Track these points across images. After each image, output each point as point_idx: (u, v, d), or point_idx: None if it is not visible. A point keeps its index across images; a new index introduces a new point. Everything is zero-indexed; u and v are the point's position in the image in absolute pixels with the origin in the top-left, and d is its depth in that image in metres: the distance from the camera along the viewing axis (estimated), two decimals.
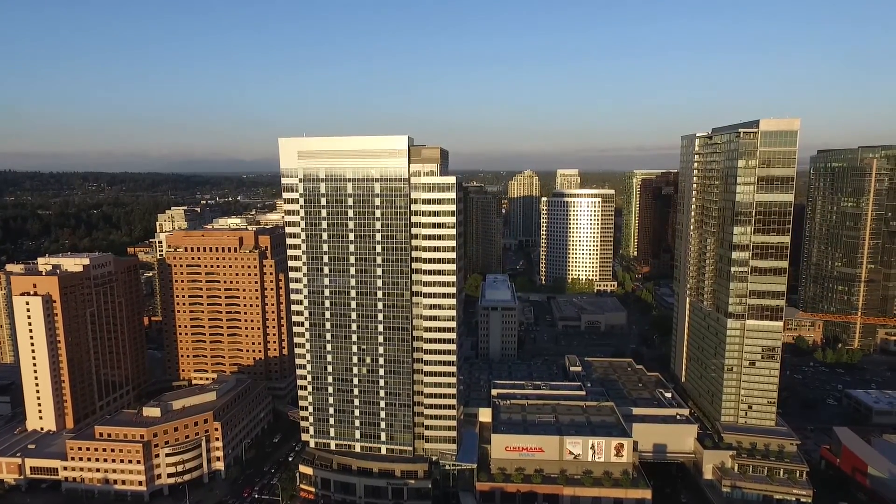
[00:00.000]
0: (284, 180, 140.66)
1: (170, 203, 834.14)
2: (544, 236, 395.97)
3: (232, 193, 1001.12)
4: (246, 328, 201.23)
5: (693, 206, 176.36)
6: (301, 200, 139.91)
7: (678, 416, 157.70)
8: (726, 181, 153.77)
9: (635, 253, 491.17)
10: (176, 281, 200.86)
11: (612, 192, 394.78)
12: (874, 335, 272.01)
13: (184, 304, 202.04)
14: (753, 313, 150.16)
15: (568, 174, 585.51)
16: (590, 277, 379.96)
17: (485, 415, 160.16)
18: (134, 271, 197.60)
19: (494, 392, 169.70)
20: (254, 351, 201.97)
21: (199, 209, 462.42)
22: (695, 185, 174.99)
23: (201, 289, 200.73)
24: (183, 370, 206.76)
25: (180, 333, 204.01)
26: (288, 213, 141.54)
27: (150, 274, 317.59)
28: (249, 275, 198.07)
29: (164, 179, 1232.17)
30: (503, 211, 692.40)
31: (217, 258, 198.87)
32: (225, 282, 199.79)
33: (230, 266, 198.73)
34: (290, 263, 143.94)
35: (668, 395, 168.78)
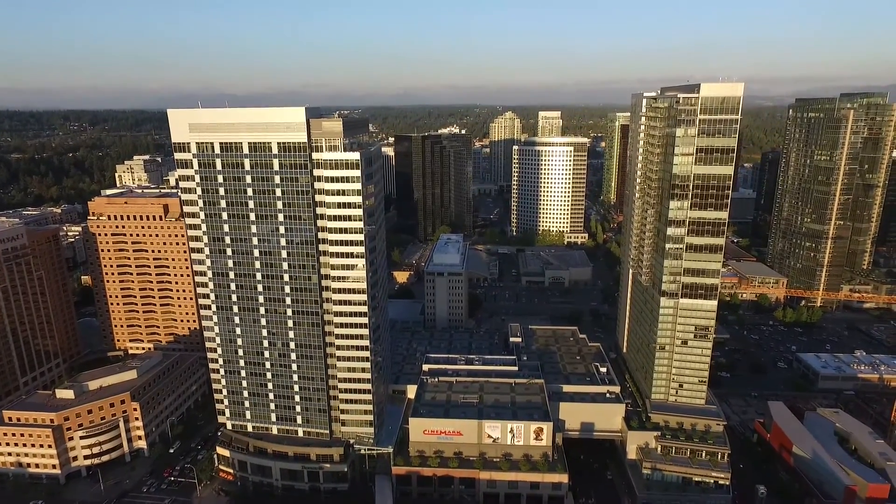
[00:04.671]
0: (177, 155, 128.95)
1: (149, 145, 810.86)
2: (515, 186, 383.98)
3: None
4: (179, 298, 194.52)
5: (638, 174, 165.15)
6: (197, 178, 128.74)
7: (608, 394, 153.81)
8: (666, 150, 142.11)
9: (615, 199, 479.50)
10: (102, 250, 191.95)
11: (585, 140, 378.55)
12: (838, 291, 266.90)
13: (113, 273, 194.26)
14: (687, 292, 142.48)
15: (550, 116, 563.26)
16: (561, 229, 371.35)
17: (413, 392, 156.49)
18: (55, 241, 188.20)
19: (425, 367, 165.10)
20: (188, 321, 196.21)
21: (160, 159, 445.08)
22: (640, 151, 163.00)
23: (129, 258, 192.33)
24: (118, 340, 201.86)
25: (112, 304, 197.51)
26: (184, 190, 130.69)
27: None
28: (178, 244, 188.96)
29: (148, 118, 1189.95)
30: (486, 150, 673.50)
31: (142, 227, 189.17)
32: (153, 251, 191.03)
33: (157, 235, 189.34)
34: (192, 244, 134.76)
35: (604, 370, 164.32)
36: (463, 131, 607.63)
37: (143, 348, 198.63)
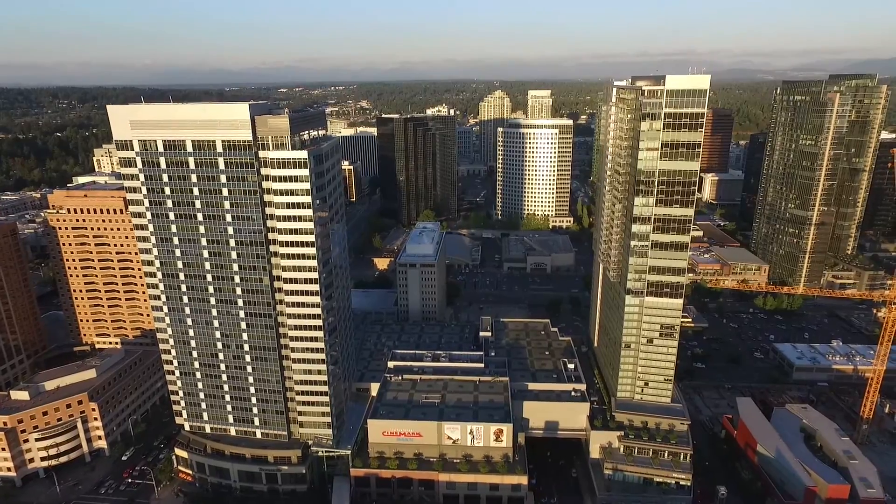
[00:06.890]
0: (120, 153, 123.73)
1: None
2: (500, 169, 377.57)
3: None
4: (144, 293, 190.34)
5: (608, 167, 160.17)
6: (141, 176, 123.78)
7: (573, 392, 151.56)
8: (632, 144, 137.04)
9: None
10: (63, 244, 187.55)
11: (570, 122, 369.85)
12: (820, 278, 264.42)
13: (76, 268, 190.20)
14: (653, 290, 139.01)
15: (539, 95, 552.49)
16: (546, 213, 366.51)
17: (377, 390, 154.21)
18: (13, 236, 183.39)
19: (391, 364, 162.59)
20: None
21: None
22: (610, 143, 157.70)
23: (91, 252, 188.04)
24: (84, 335, 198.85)
25: (76, 298, 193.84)
26: (129, 190, 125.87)
27: None
28: None
29: (138, 95, 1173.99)
30: (476, 128, 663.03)
31: (103, 220, 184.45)
32: (115, 245, 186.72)
33: (119, 229, 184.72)
34: (140, 245, 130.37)
35: (571, 366, 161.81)
36: (453, 110, 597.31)
37: (111, 343, 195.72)
